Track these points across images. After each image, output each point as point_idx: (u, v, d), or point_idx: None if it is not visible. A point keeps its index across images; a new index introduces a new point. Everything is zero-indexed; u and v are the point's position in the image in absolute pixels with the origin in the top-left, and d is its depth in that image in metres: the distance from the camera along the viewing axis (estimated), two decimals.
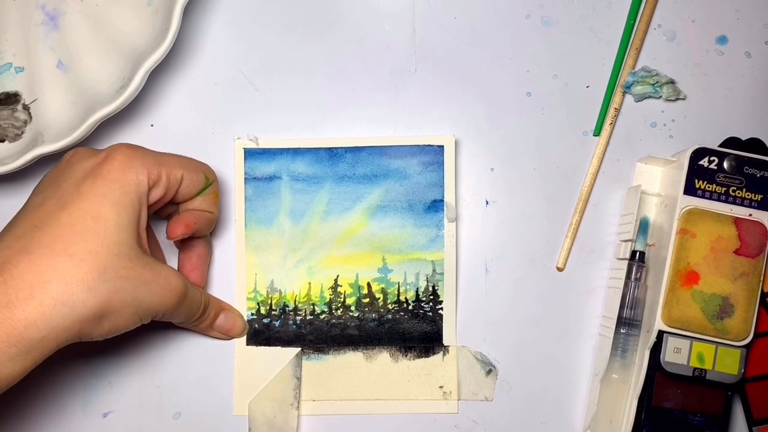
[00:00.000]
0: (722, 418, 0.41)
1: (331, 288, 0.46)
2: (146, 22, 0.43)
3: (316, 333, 0.45)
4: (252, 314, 0.46)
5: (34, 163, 0.42)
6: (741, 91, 0.47)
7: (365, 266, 0.46)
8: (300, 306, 0.45)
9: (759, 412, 0.44)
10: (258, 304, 0.46)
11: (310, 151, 0.46)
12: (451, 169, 0.45)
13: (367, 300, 0.45)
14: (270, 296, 0.46)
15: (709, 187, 0.42)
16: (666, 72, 0.46)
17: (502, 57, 0.47)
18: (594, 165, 0.46)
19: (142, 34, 0.43)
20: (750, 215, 0.41)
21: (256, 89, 0.47)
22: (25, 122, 0.44)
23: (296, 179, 0.46)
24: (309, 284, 0.46)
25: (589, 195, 0.46)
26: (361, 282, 0.46)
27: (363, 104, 0.47)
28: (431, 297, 0.45)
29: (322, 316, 0.45)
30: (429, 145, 0.46)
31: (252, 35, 0.47)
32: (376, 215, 0.46)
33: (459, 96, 0.47)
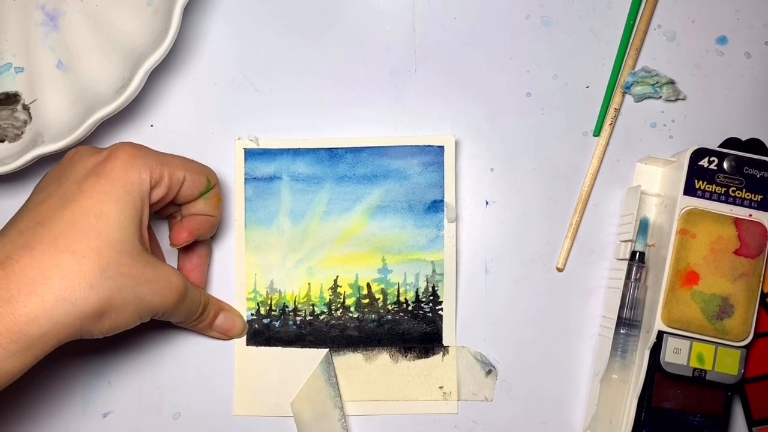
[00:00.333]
0: (722, 419, 0.41)
1: (331, 288, 0.46)
2: (146, 22, 0.43)
3: (316, 333, 0.45)
4: (252, 314, 0.46)
5: (34, 163, 0.42)
6: (741, 92, 0.47)
7: (365, 267, 0.46)
8: (300, 306, 0.45)
9: (759, 413, 0.44)
10: (258, 305, 0.46)
11: (311, 152, 0.46)
12: (451, 170, 0.45)
13: (367, 300, 0.45)
14: (270, 296, 0.46)
15: (709, 188, 0.42)
16: (666, 72, 0.46)
17: (502, 57, 0.47)
18: (594, 165, 0.46)
19: (142, 34, 0.43)
20: (750, 216, 0.41)
21: (256, 89, 0.47)
22: (25, 122, 0.44)
23: (296, 179, 0.46)
24: (309, 284, 0.46)
25: (589, 195, 0.46)
26: (361, 282, 0.46)
27: (363, 104, 0.47)
28: (431, 297, 0.45)
29: (322, 317, 0.45)
30: (429, 146, 0.46)
31: (252, 35, 0.47)
32: (376, 215, 0.46)
33: (459, 96, 0.47)
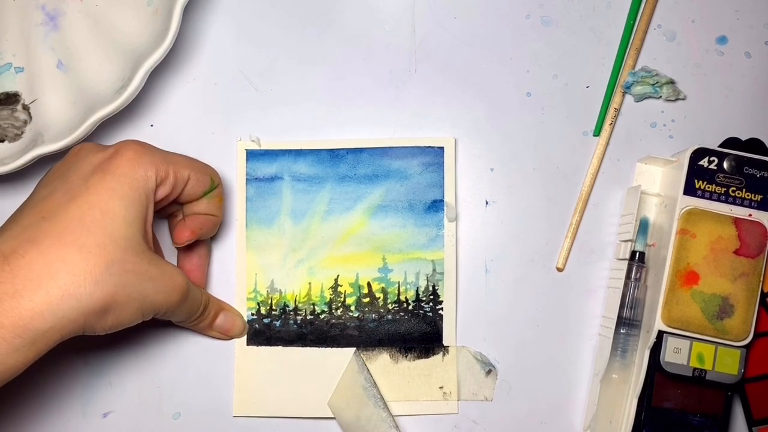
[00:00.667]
0: (722, 419, 0.41)
1: (332, 288, 0.46)
2: (146, 22, 0.43)
3: (317, 333, 0.45)
4: (252, 314, 0.46)
5: (34, 163, 0.42)
6: (741, 91, 0.47)
7: (365, 266, 0.46)
8: (300, 306, 0.45)
9: (759, 412, 0.44)
10: (258, 304, 0.46)
11: (312, 152, 0.46)
12: (451, 170, 0.45)
13: (368, 299, 0.45)
14: (270, 296, 0.46)
15: (709, 188, 0.42)
16: (666, 72, 0.46)
17: (502, 57, 0.47)
18: (594, 165, 0.46)
19: (142, 34, 0.43)
20: (750, 215, 0.41)
21: (256, 89, 0.47)
22: (25, 122, 0.44)
23: (298, 179, 0.46)
24: (309, 284, 0.46)
25: (589, 195, 0.46)
26: (362, 282, 0.46)
27: (363, 104, 0.47)
28: (431, 297, 0.45)
29: (323, 316, 0.45)
30: (429, 147, 0.46)
31: (252, 35, 0.47)
32: (377, 215, 0.46)
33: (459, 96, 0.47)
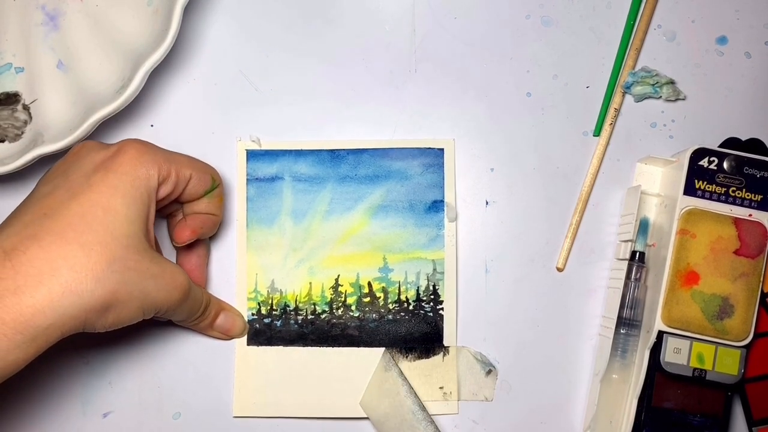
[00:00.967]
0: (722, 419, 0.41)
1: (332, 287, 0.46)
2: (146, 22, 0.43)
3: (318, 332, 0.45)
4: (252, 314, 0.46)
5: (34, 163, 0.42)
6: (741, 91, 0.47)
7: (366, 266, 0.46)
8: (301, 306, 0.45)
9: (759, 413, 0.44)
10: (258, 304, 0.46)
11: (313, 153, 0.46)
12: (451, 172, 0.46)
13: (368, 299, 0.45)
14: (270, 296, 0.46)
15: (709, 188, 0.42)
16: (666, 72, 0.46)
17: (502, 57, 0.47)
18: (594, 165, 0.46)
19: (142, 34, 0.43)
20: (750, 215, 0.41)
21: (256, 89, 0.47)
22: (25, 122, 0.44)
23: (299, 180, 0.46)
24: (310, 284, 0.46)
25: (589, 195, 0.46)
26: (362, 281, 0.46)
27: (363, 104, 0.47)
28: (432, 296, 0.45)
29: (323, 316, 0.45)
30: (429, 148, 0.46)
31: (252, 35, 0.47)
32: (378, 215, 0.46)
33: (459, 96, 0.47)
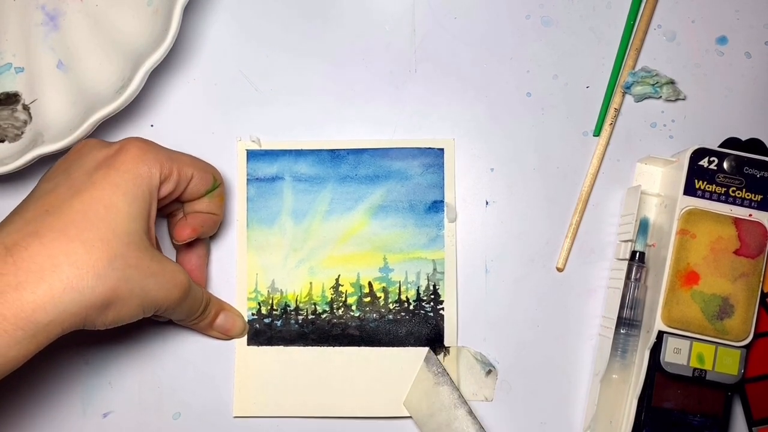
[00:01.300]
0: (722, 419, 0.41)
1: (333, 287, 0.46)
2: (146, 22, 0.43)
3: (318, 332, 0.45)
4: (253, 314, 0.46)
5: (34, 163, 0.42)
6: (741, 91, 0.47)
7: (366, 266, 0.46)
8: (301, 305, 0.45)
9: (759, 413, 0.44)
10: (259, 304, 0.46)
11: (313, 153, 0.46)
12: (451, 172, 0.46)
13: (369, 299, 0.45)
14: (271, 296, 0.46)
15: (709, 188, 0.42)
16: (666, 72, 0.46)
17: (502, 57, 0.47)
18: (594, 165, 0.46)
19: (142, 34, 0.43)
20: (750, 215, 0.41)
21: (256, 89, 0.47)
22: (25, 122, 0.44)
23: (299, 180, 0.46)
24: (310, 284, 0.46)
25: (589, 195, 0.46)
26: (363, 281, 0.46)
27: (363, 104, 0.47)
28: (432, 296, 0.45)
29: (324, 316, 0.45)
30: (429, 148, 0.46)
31: (252, 35, 0.47)
32: (378, 215, 0.46)
33: (459, 96, 0.47)
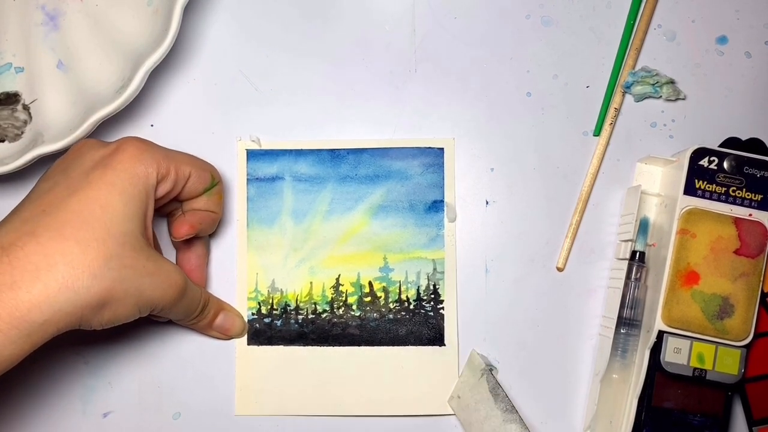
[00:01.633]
0: (722, 419, 0.41)
1: (333, 287, 0.46)
2: (146, 22, 0.43)
3: (319, 332, 0.45)
4: (253, 314, 0.46)
5: (34, 163, 0.42)
6: (741, 91, 0.47)
7: (366, 265, 0.46)
8: (302, 305, 0.46)
9: (759, 412, 0.44)
10: (259, 304, 0.46)
11: (313, 153, 0.46)
12: (451, 171, 0.46)
13: (369, 299, 0.45)
14: (271, 296, 0.46)
15: (709, 187, 0.42)
16: (666, 72, 0.46)
17: (502, 57, 0.47)
18: (594, 165, 0.46)
19: (142, 34, 0.43)
20: (750, 215, 0.41)
21: (256, 89, 0.47)
22: (25, 122, 0.44)
23: (299, 180, 0.46)
24: (310, 283, 0.46)
25: (589, 195, 0.46)
26: (363, 281, 0.46)
27: (363, 104, 0.47)
28: (432, 296, 0.45)
29: (324, 315, 0.45)
30: (429, 148, 0.46)
31: (252, 35, 0.47)
32: (378, 215, 0.46)
33: (459, 96, 0.47)
